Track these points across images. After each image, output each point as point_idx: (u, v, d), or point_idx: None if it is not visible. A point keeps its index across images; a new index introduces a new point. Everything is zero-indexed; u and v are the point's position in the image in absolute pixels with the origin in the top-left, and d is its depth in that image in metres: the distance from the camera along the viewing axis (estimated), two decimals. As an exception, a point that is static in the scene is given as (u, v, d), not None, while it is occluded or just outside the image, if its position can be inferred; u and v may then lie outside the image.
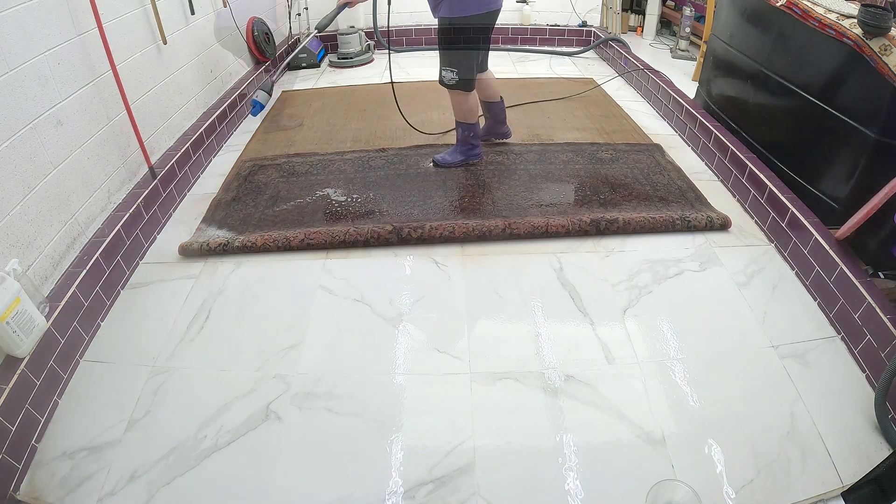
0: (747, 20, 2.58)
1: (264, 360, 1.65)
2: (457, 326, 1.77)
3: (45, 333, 1.52)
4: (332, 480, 1.34)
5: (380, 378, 1.60)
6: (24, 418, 1.38)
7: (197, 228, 2.23)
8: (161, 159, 2.42)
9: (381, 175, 2.59)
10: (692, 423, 1.47)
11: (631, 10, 5.17)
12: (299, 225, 2.21)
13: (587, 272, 2.00)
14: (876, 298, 1.61)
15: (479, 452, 1.39)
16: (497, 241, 2.14)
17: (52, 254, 1.74)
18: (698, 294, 1.91)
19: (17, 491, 1.31)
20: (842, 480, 1.32)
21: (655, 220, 2.18)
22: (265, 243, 2.08)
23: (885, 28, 1.78)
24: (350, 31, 4.31)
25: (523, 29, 4.72)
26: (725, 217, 2.24)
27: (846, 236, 1.81)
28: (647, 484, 1.30)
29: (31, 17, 1.69)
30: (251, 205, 2.37)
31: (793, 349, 1.68)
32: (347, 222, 2.22)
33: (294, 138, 3.04)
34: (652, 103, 3.52)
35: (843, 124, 1.97)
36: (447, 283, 1.95)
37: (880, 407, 1.42)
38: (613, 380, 1.59)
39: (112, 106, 2.11)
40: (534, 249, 2.11)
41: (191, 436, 1.43)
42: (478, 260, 2.05)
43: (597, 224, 2.15)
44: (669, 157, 2.75)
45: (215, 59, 3.11)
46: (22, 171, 1.63)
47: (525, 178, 2.53)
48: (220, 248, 2.07)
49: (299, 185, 2.52)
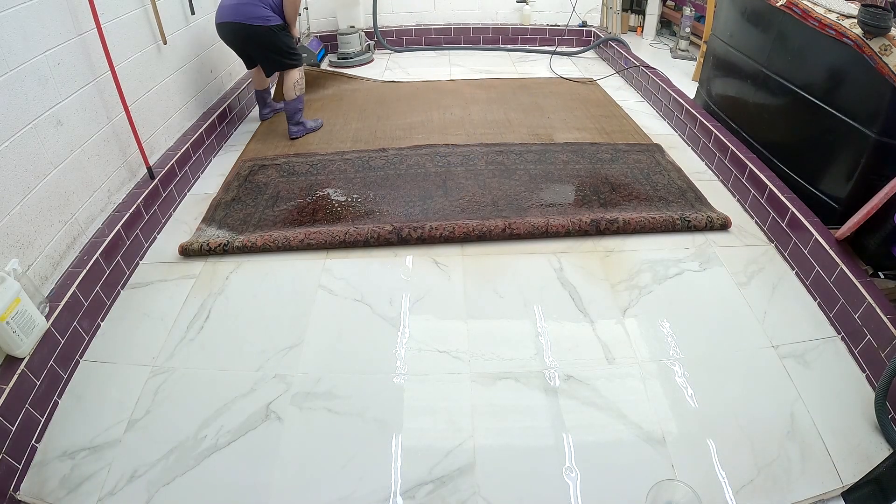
0: (747, 20, 2.58)
1: (264, 360, 1.65)
2: (457, 326, 1.77)
3: (45, 333, 1.52)
4: (332, 480, 1.34)
5: (380, 378, 1.60)
6: (24, 418, 1.38)
7: (197, 228, 2.23)
8: (161, 159, 2.42)
9: (380, 175, 2.59)
10: (692, 422, 1.47)
11: (631, 10, 5.17)
12: (299, 225, 2.21)
13: (587, 272, 2.00)
14: (876, 298, 1.61)
15: (479, 452, 1.39)
16: (497, 241, 2.14)
17: (52, 254, 1.74)
18: (698, 294, 1.91)
19: (17, 491, 1.31)
20: (842, 480, 1.33)
21: (655, 221, 2.18)
22: (265, 243, 2.08)
23: (885, 28, 1.78)
24: (350, 31, 4.31)
25: (523, 29, 4.72)
26: (725, 217, 2.24)
27: (846, 236, 1.81)
28: (647, 484, 1.30)
29: (31, 17, 1.69)
30: (251, 205, 2.37)
31: (793, 349, 1.68)
32: (347, 222, 2.22)
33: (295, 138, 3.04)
34: (652, 103, 3.52)
35: (843, 124, 1.97)
36: (447, 283, 1.95)
37: (880, 407, 1.42)
38: (613, 380, 1.59)
39: (112, 106, 2.11)
40: (534, 249, 2.11)
41: (191, 436, 1.43)
42: (478, 260, 2.05)
43: (597, 224, 2.15)
44: (670, 158, 2.75)
45: (215, 59, 3.11)
46: (22, 171, 1.63)
47: (525, 178, 2.53)
48: (220, 248, 2.07)
49: (299, 185, 2.52)
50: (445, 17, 4.70)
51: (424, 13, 4.70)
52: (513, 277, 1.97)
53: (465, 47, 4.73)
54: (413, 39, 4.71)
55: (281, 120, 3.19)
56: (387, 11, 4.66)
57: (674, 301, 1.87)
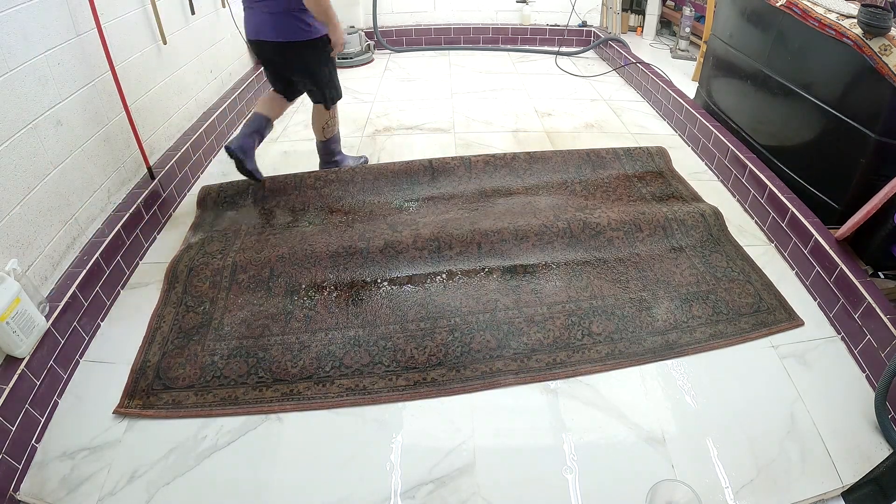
0: (747, 20, 2.58)
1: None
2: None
3: (45, 333, 1.52)
4: (332, 480, 1.34)
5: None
6: (24, 418, 1.38)
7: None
8: (161, 159, 2.42)
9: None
10: (692, 423, 1.47)
11: (631, 10, 5.17)
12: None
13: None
14: (876, 298, 1.61)
15: (479, 452, 1.39)
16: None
17: (52, 254, 1.74)
18: (698, 294, 1.91)
19: (17, 491, 1.31)
20: (842, 480, 1.32)
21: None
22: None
23: (885, 28, 1.78)
24: (350, 31, 4.31)
25: (523, 29, 4.72)
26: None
27: (846, 236, 1.81)
28: (647, 484, 1.30)
29: (30, 17, 1.69)
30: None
31: (793, 349, 1.68)
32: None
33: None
34: (652, 103, 3.52)
35: (842, 124, 1.97)
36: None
37: (880, 407, 1.42)
38: (613, 380, 1.58)
39: (112, 106, 2.11)
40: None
41: (191, 436, 1.43)
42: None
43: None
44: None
45: (215, 59, 3.11)
46: (22, 171, 1.63)
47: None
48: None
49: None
50: (445, 17, 4.71)
51: (424, 13, 4.70)
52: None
53: (465, 47, 4.73)
54: (413, 39, 4.71)
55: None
56: (387, 11, 4.66)
57: (674, 301, 1.87)
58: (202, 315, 1.78)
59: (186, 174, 2.53)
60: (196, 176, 2.64)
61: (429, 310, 1.79)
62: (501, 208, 2.28)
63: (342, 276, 1.92)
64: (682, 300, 1.83)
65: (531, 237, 2.04)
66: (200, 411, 1.49)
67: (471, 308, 1.79)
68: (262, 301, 1.83)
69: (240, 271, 1.92)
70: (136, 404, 1.50)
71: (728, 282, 1.91)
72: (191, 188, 2.56)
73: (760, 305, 1.81)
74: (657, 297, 1.84)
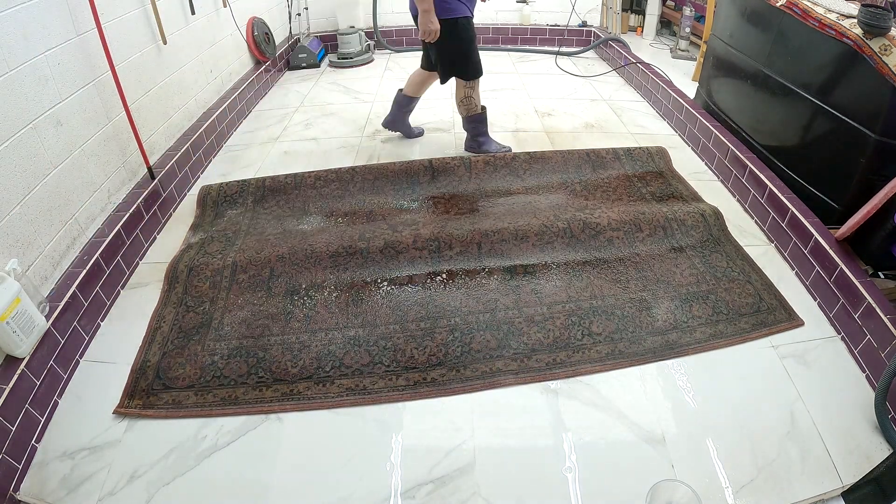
0: (747, 20, 2.58)
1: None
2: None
3: (45, 333, 1.52)
4: (332, 480, 1.34)
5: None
6: (24, 418, 1.38)
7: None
8: (161, 159, 2.42)
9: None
10: (692, 423, 1.47)
11: (631, 10, 5.17)
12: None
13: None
14: (876, 298, 1.61)
15: (479, 452, 1.39)
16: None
17: (52, 254, 1.74)
18: (698, 294, 1.91)
19: (17, 491, 1.31)
20: (842, 480, 1.32)
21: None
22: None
23: (885, 28, 1.78)
24: (350, 31, 4.31)
25: (523, 29, 4.72)
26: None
27: (846, 236, 1.81)
28: (647, 484, 1.30)
29: (31, 17, 1.69)
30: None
31: (793, 349, 1.68)
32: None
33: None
34: (652, 103, 3.52)
35: (843, 124, 1.97)
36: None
37: (880, 407, 1.42)
38: (613, 380, 1.58)
39: (112, 106, 2.11)
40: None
41: (191, 436, 1.43)
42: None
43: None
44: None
45: (215, 59, 3.11)
46: (22, 172, 1.63)
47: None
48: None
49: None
50: (445, 17, 4.70)
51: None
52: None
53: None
54: (413, 39, 4.71)
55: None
56: (387, 11, 4.66)
57: (674, 301, 1.87)
58: (202, 315, 1.78)
59: (186, 174, 2.53)
60: (196, 176, 2.64)
61: (429, 310, 1.79)
62: (501, 208, 2.29)
63: (342, 275, 1.92)
64: (682, 300, 1.83)
65: (531, 237, 2.05)
66: (200, 411, 1.49)
67: (471, 308, 1.79)
68: (262, 301, 1.83)
69: (240, 271, 1.92)
70: (136, 404, 1.50)
71: (728, 282, 1.91)
72: (191, 188, 2.56)
73: (760, 305, 1.82)
74: (657, 297, 1.84)
